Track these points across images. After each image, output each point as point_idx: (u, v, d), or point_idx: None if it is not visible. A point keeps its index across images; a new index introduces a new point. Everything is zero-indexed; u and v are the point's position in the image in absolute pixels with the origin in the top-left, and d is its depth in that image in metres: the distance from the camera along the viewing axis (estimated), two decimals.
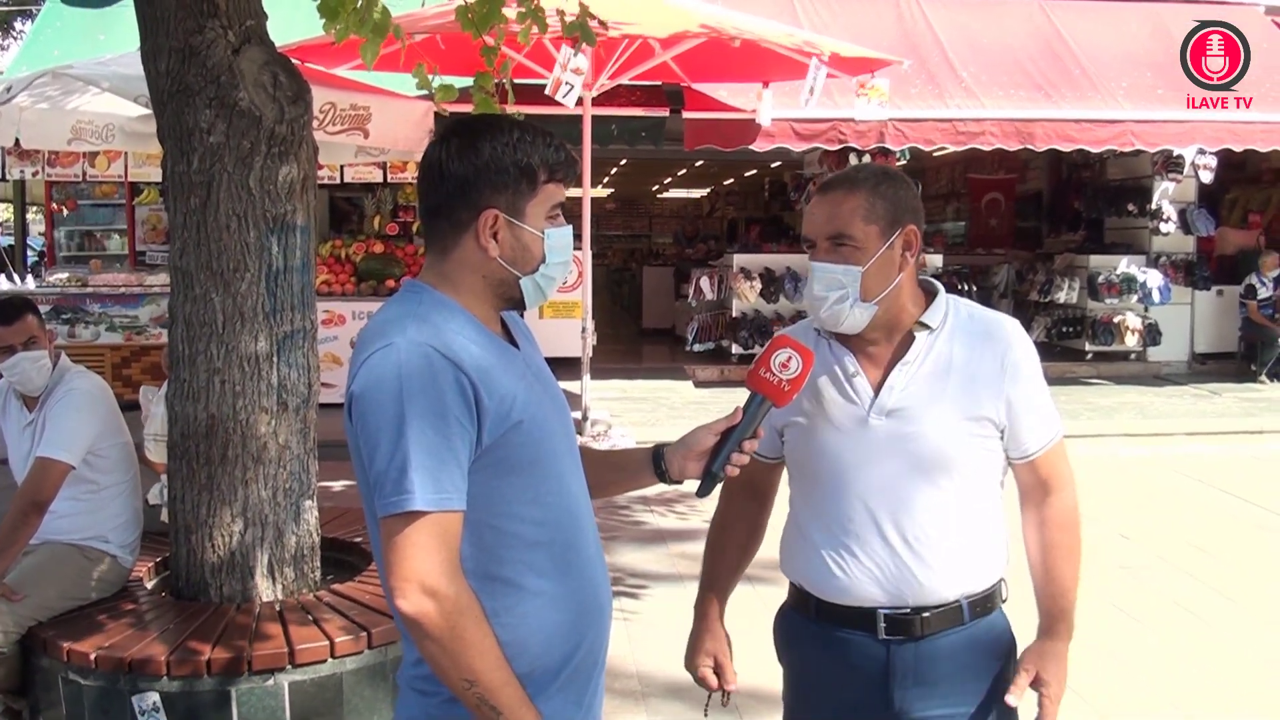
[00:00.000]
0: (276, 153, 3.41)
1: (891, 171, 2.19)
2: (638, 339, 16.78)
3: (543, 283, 1.91)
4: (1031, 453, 2.19)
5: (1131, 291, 12.51)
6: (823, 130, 10.71)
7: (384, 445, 1.70)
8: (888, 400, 2.14)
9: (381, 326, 1.80)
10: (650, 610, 5.33)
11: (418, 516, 1.68)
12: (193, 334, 3.45)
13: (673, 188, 27.52)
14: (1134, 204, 13.11)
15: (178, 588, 3.56)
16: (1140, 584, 5.77)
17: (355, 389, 1.76)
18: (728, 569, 2.42)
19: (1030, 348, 2.20)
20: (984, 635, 2.20)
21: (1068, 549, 2.23)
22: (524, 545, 1.84)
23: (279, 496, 3.50)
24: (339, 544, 4.05)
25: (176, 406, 3.50)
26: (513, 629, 1.80)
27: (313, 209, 3.60)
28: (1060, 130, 11.03)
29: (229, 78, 3.33)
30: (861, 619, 2.17)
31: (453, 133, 1.87)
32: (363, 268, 10.80)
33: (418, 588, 1.67)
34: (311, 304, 3.60)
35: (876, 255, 2.10)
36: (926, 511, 2.13)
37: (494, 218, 1.84)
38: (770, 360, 1.99)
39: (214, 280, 3.41)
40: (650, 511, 7.14)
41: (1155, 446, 9.35)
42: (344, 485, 7.14)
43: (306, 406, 3.57)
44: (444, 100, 4.04)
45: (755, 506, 2.42)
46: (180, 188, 3.43)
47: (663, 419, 9.94)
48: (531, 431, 1.82)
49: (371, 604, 3.43)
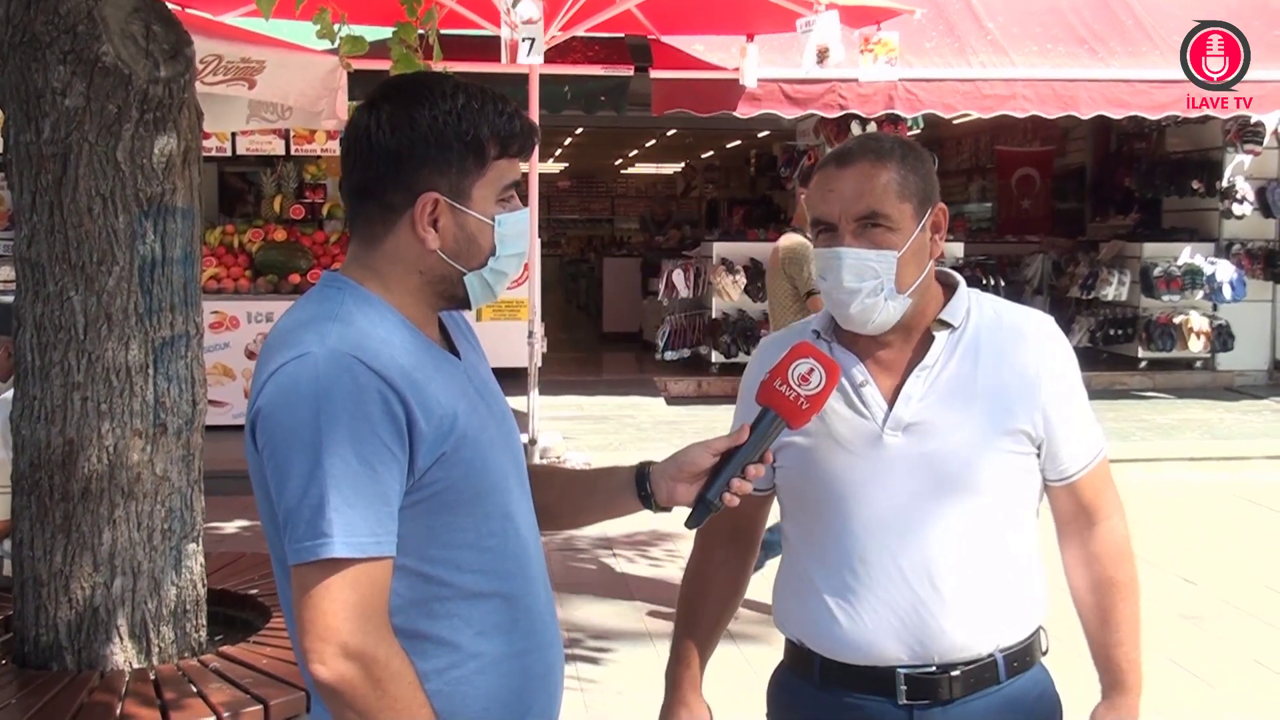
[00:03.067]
0: (151, 119, 3.39)
1: (910, 141, 2.24)
2: (597, 345, 16.83)
3: (492, 279, 1.91)
4: (1072, 474, 2.21)
5: (1196, 286, 12.60)
6: (819, 94, 10.78)
7: (296, 478, 1.69)
8: (904, 412, 2.15)
9: (294, 331, 1.79)
10: (612, 676, 5.33)
11: (338, 565, 1.68)
12: (45, 341, 3.41)
13: (639, 162, 27.62)
14: (1200, 181, 13.18)
15: (22, 653, 3.51)
16: (1207, 637, 5.83)
17: (261, 407, 1.75)
18: (706, 627, 2.42)
19: (1067, 348, 2.23)
20: (1023, 696, 2.21)
21: (1125, 587, 2.25)
22: (461, 597, 1.84)
23: (155, 539, 3.47)
24: (230, 597, 4.01)
25: (25, 430, 3.46)
26: (445, 697, 1.80)
27: (197, 188, 3.57)
28: (1109, 93, 11.13)
29: (88, 27, 3.30)
30: (877, 680, 2.18)
31: (384, 98, 1.87)
32: (260, 259, 10.76)
33: (337, 650, 1.67)
34: (196, 304, 3.58)
35: (913, 238, 2.13)
36: (953, 545, 2.13)
37: (433, 202, 1.84)
38: (788, 372, 1.98)
39: (72, 275, 3.38)
40: (613, 555, 7.15)
41: (1225, 472, 9.46)
42: (238, 526, 7.10)
43: (190, 429, 3.54)
44: (351, 54, 4.04)
45: (739, 550, 2.43)
46: (27, 161, 3.39)
47: (628, 442, 9.97)
48: (473, 460, 1.83)
49: (269, 669, 3.41)
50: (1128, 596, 2.25)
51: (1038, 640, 2.25)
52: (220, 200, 12.18)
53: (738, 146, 22.03)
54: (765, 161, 20.45)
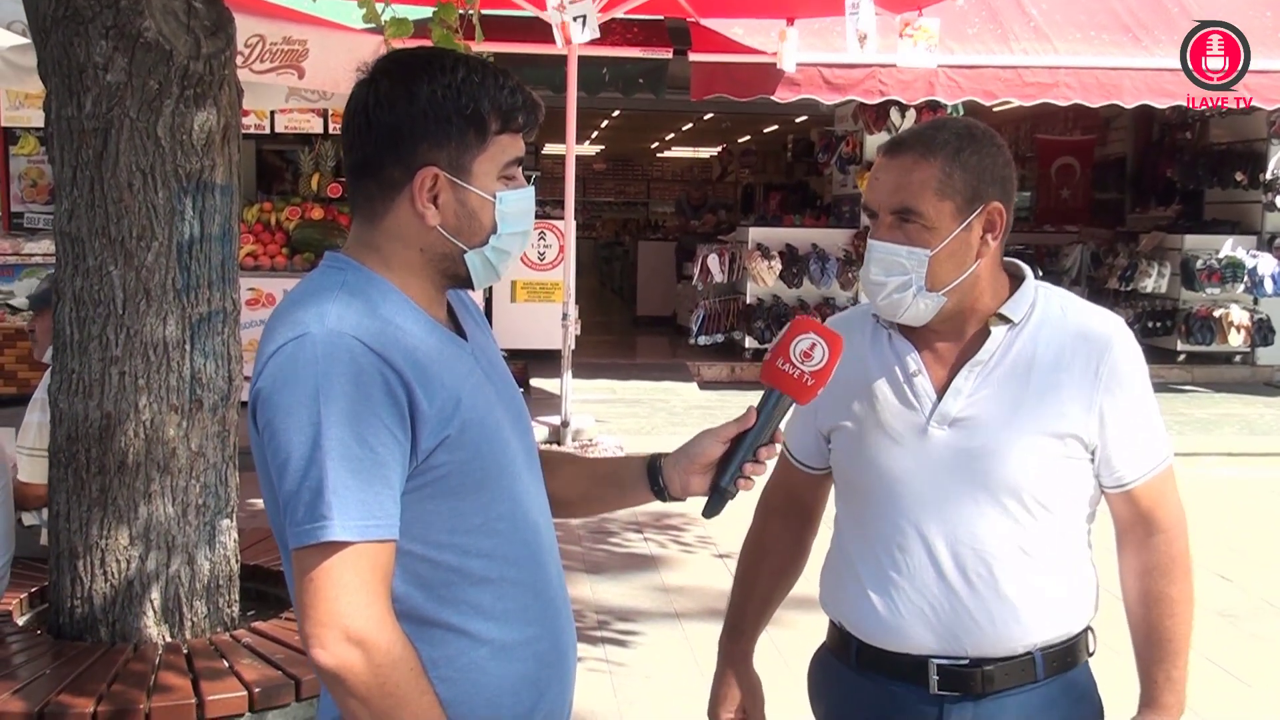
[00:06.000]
0: (191, 95, 3.40)
1: (978, 130, 2.15)
2: (631, 329, 16.80)
3: (494, 258, 1.89)
4: (1129, 482, 2.17)
5: (1237, 279, 12.50)
6: (859, 79, 10.73)
7: (295, 460, 1.68)
8: (951, 407, 2.14)
9: (293, 311, 1.77)
10: (641, 659, 5.33)
11: (338, 548, 1.67)
12: (84, 315, 3.44)
13: (676, 145, 27.56)
14: (1243, 173, 13.06)
15: (58, 625, 3.55)
16: (1243, 634, 5.79)
17: (261, 388, 1.74)
18: (761, 602, 2.43)
19: (1137, 353, 2.17)
20: (1062, 696, 2.19)
21: (1176, 604, 2.19)
22: (469, 582, 1.83)
23: (189, 514, 3.50)
24: (262, 572, 4.05)
25: (63, 403, 3.49)
26: (453, 684, 1.80)
27: (236, 165, 3.59)
28: (1153, 82, 11.02)
29: (130, 2, 3.32)
30: (910, 669, 2.18)
31: (382, 72, 1.85)
32: (297, 237, 10.79)
33: (340, 635, 1.67)
34: (234, 280, 3.60)
35: (950, 238, 2.09)
36: (992, 543, 2.12)
37: (433, 177, 1.82)
38: (789, 348, 1.97)
39: (112, 249, 3.40)
40: (644, 539, 7.15)
41: (1265, 468, 9.39)
42: None
43: (226, 405, 3.57)
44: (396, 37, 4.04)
45: (798, 525, 2.43)
46: (69, 136, 3.42)
47: (660, 426, 9.97)
48: (480, 443, 1.82)
49: (301, 646, 3.42)
50: (1177, 614, 2.18)
51: (1083, 641, 2.22)
52: (258, 178, 12.23)
53: (775, 131, 21.93)
54: (802, 147, 20.35)
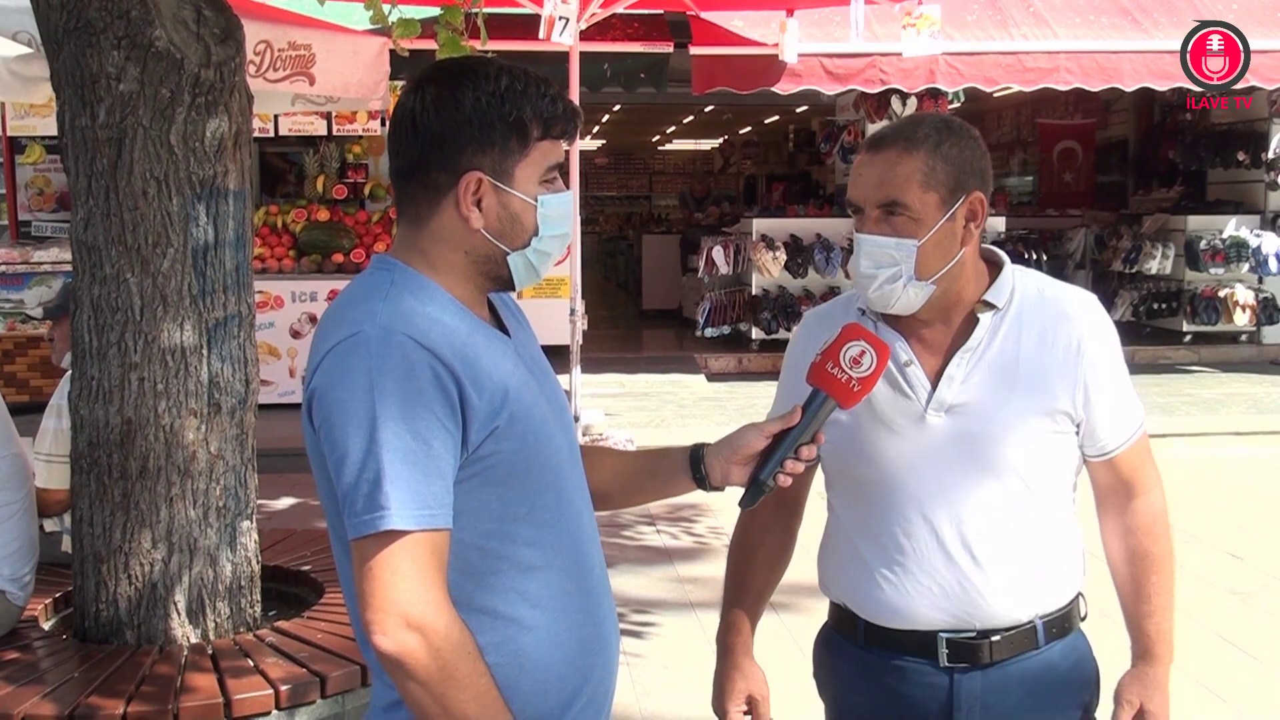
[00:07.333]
0: (203, 103, 3.43)
1: (955, 124, 2.23)
2: (637, 322, 16.84)
3: (535, 259, 1.95)
4: (1111, 450, 2.27)
5: (1242, 259, 12.48)
6: (860, 69, 10.72)
7: (353, 453, 1.73)
8: (947, 394, 2.20)
9: (346, 311, 1.84)
10: (658, 649, 5.38)
11: (396, 537, 1.71)
12: (103, 322, 3.47)
13: (678, 138, 27.52)
14: (1245, 152, 13.06)
15: (83, 629, 3.57)
16: (1255, 613, 5.81)
17: (316, 386, 1.79)
18: (755, 592, 2.48)
19: (1109, 326, 2.27)
20: (1062, 660, 2.28)
21: (1160, 560, 2.31)
22: (516, 570, 1.87)
23: (210, 516, 3.53)
24: (282, 573, 4.07)
25: (84, 410, 3.52)
26: (502, 670, 1.84)
27: (248, 170, 3.63)
28: (1154, 65, 10.98)
29: (141, 12, 3.34)
30: (919, 644, 2.25)
31: (429, 80, 1.91)
32: (304, 239, 10.82)
33: (400, 621, 1.71)
34: (248, 285, 3.63)
35: (935, 228, 2.16)
36: (993, 519, 2.20)
37: (476, 182, 1.88)
38: (840, 353, 2.03)
39: (128, 257, 3.43)
40: (654, 529, 7.19)
41: (1272, 446, 9.39)
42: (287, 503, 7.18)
43: (243, 408, 3.59)
44: (403, 37, 4.06)
45: (786, 515, 2.49)
46: (83, 145, 3.44)
47: (669, 419, 9.99)
48: (526, 434, 1.86)
49: (324, 644, 3.46)
50: (1162, 569, 2.31)
51: (1076, 607, 2.32)
52: (262, 180, 12.24)
53: (776, 122, 21.93)
54: (803, 137, 20.36)
